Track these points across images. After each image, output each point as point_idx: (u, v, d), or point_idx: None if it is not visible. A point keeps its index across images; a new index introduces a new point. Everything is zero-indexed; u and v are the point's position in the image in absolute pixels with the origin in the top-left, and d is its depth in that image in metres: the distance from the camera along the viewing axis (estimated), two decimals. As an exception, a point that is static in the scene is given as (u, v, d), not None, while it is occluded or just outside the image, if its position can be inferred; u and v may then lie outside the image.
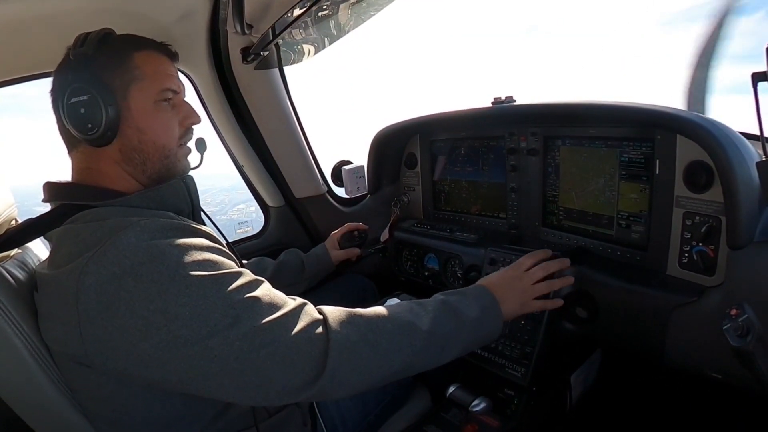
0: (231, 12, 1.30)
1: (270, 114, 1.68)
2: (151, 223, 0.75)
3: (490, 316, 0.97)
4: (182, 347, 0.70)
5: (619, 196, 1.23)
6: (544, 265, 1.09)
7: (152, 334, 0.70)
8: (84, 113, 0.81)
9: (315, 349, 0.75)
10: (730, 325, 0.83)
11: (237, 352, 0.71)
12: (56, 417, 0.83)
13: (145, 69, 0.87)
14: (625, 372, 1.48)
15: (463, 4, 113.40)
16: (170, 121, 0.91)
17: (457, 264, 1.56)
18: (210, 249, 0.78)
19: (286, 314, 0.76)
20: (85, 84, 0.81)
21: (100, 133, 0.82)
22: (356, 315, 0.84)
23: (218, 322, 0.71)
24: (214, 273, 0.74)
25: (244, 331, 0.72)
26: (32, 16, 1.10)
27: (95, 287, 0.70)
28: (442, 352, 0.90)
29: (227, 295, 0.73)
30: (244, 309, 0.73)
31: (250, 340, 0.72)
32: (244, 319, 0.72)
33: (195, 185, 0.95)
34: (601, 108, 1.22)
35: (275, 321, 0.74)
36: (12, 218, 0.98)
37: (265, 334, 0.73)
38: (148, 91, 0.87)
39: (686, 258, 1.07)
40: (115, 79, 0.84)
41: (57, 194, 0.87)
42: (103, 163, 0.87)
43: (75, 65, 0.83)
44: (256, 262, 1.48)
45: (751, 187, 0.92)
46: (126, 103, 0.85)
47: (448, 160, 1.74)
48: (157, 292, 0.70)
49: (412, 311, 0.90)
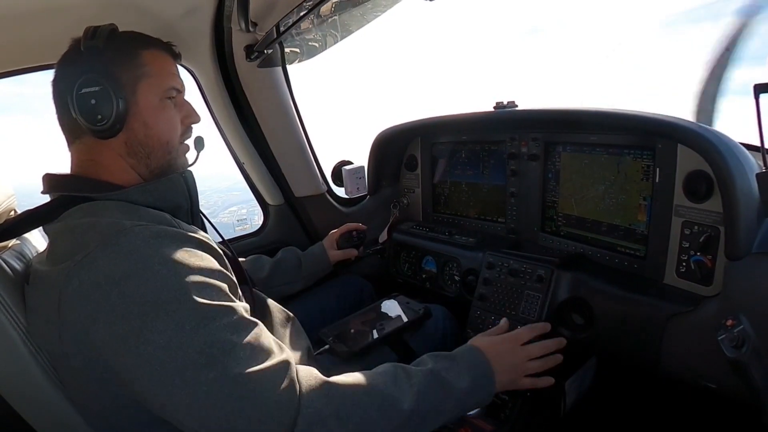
0: (236, 9, 1.30)
1: (272, 112, 1.68)
2: (145, 230, 0.74)
3: (481, 387, 0.92)
4: (152, 372, 0.68)
5: (618, 204, 1.23)
6: (542, 344, 1.06)
7: (124, 352, 0.69)
8: (94, 104, 0.81)
9: (284, 416, 0.71)
10: (726, 335, 0.83)
11: (205, 394, 0.68)
12: (50, 409, 0.83)
13: (152, 67, 0.89)
14: (620, 380, 1.48)
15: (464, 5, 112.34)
16: (174, 119, 0.93)
17: (455, 267, 1.56)
18: (202, 271, 0.75)
19: (263, 371, 0.71)
20: (97, 75, 0.82)
21: (109, 124, 0.83)
22: (333, 385, 0.78)
23: (192, 359, 0.68)
24: (201, 303, 0.71)
25: (215, 376, 0.68)
26: (38, 8, 1.10)
27: (78, 292, 0.70)
28: (421, 426, 0.84)
29: (208, 332, 0.70)
30: (221, 352, 0.69)
31: (220, 388, 0.68)
32: (219, 364, 0.69)
33: (194, 181, 0.96)
34: (603, 115, 1.22)
35: (250, 376, 0.70)
36: (11, 209, 0.98)
37: (235, 387, 0.69)
38: (155, 89, 0.89)
39: (684, 267, 1.07)
40: (123, 73, 0.85)
41: (56, 185, 0.87)
42: (106, 155, 0.87)
43: (86, 57, 0.84)
44: (253, 260, 1.48)
45: (750, 198, 0.92)
46: (134, 98, 0.86)
47: (448, 163, 1.74)
48: (137, 313, 0.68)
49: (396, 382, 0.83)
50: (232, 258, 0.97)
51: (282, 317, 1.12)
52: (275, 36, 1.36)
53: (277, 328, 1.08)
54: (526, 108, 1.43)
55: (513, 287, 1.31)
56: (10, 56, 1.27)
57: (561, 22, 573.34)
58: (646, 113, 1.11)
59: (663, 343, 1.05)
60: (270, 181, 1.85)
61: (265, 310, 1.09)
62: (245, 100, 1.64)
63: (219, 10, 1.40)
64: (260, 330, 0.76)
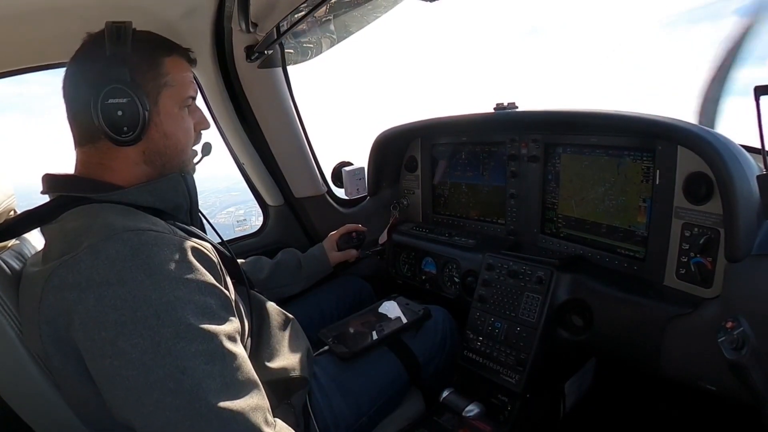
0: (236, 9, 1.30)
1: (272, 113, 1.68)
2: (135, 237, 0.72)
3: None
4: (120, 383, 0.67)
5: (618, 206, 1.23)
6: None
7: (96, 359, 0.68)
8: (121, 115, 0.80)
9: None
10: (726, 337, 0.83)
11: (168, 419, 0.65)
12: (48, 410, 0.82)
13: (174, 75, 0.88)
14: (620, 381, 1.48)
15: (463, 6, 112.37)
16: (190, 127, 0.93)
17: (455, 268, 1.56)
18: (189, 285, 0.72)
19: (231, 411, 0.67)
20: (125, 86, 0.80)
21: (134, 136, 0.82)
22: None
23: (159, 381, 0.65)
24: (182, 322, 0.68)
25: (180, 404, 0.65)
26: (39, 8, 1.10)
27: (57, 290, 0.70)
28: None
29: (182, 357, 0.66)
30: (191, 381, 0.66)
31: (184, 416, 0.65)
32: (185, 393, 0.65)
33: (194, 181, 0.95)
34: (603, 117, 1.22)
35: (220, 411, 0.66)
36: (11, 209, 0.98)
37: (199, 419, 0.65)
38: (176, 98, 0.88)
39: (684, 269, 1.07)
40: (149, 83, 0.85)
41: (55, 186, 0.87)
42: (119, 161, 0.86)
43: (113, 63, 0.81)
44: (253, 261, 1.47)
45: (750, 200, 0.92)
46: (156, 108, 0.86)
47: (448, 165, 1.75)
48: (113, 322, 0.67)
49: None
50: (230, 259, 0.97)
51: (281, 319, 1.12)
52: (275, 37, 1.36)
53: (275, 331, 1.07)
54: (526, 109, 1.43)
55: (513, 289, 1.31)
56: (10, 56, 1.27)
57: (561, 23, 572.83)
58: (646, 115, 1.11)
59: (663, 345, 1.05)
60: (270, 181, 1.85)
61: (263, 312, 1.08)
62: (245, 100, 1.64)
63: (219, 11, 1.39)
64: (240, 362, 0.72)
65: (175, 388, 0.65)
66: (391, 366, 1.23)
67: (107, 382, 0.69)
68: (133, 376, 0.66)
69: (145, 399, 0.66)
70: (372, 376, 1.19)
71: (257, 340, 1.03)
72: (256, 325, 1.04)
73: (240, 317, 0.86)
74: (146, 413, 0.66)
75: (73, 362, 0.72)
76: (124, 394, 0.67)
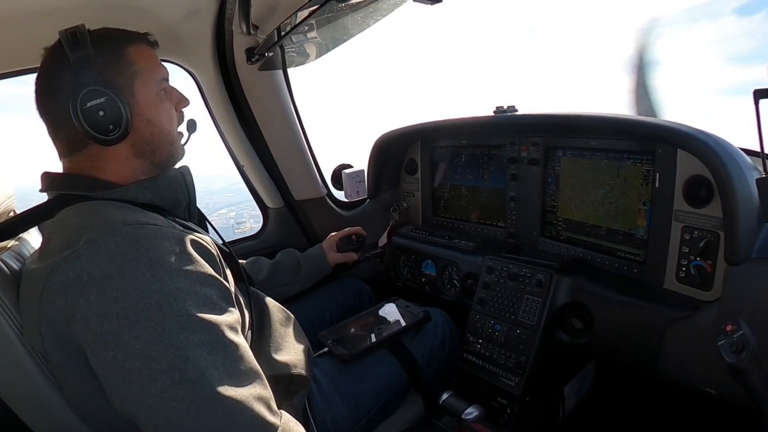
0: (237, 12, 1.30)
1: (272, 115, 1.68)
2: (135, 231, 0.72)
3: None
4: (124, 375, 0.67)
5: (618, 209, 1.23)
6: None
7: (99, 352, 0.68)
8: (103, 115, 0.80)
9: None
10: (726, 341, 0.83)
11: (172, 408, 0.65)
12: (47, 410, 0.82)
13: (141, 63, 0.88)
14: (619, 384, 1.48)
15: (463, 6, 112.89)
16: (170, 109, 0.93)
17: (455, 271, 1.56)
18: (190, 277, 0.72)
19: (235, 400, 0.67)
20: (98, 86, 0.80)
21: (120, 132, 0.82)
22: None
23: (163, 372, 0.65)
24: (184, 313, 0.68)
25: (184, 393, 0.65)
26: (39, 9, 1.10)
27: (58, 287, 0.70)
28: None
29: (185, 347, 0.67)
30: (195, 371, 0.66)
31: (187, 408, 0.65)
32: (189, 383, 0.66)
33: (191, 177, 0.96)
34: (603, 120, 1.23)
35: (220, 402, 0.66)
36: (10, 210, 0.98)
37: (203, 410, 0.66)
38: (149, 84, 0.88)
39: (683, 272, 1.07)
40: (118, 77, 0.85)
41: (54, 184, 0.87)
42: (111, 161, 0.87)
43: (79, 67, 0.81)
44: (252, 262, 1.47)
45: (750, 203, 0.92)
46: (134, 98, 0.86)
47: (448, 167, 1.75)
48: (115, 314, 0.67)
49: None
50: (230, 255, 0.96)
51: (282, 316, 1.12)
52: (276, 39, 1.36)
53: (276, 326, 1.07)
54: (526, 112, 1.43)
55: (512, 291, 1.31)
56: (10, 56, 1.27)
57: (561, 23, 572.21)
58: (646, 118, 1.12)
59: (662, 348, 1.05)
60: (270, 184, 1.85)
61: (264, 309, 1.08)
62: (246, 102, 1.64)
63: (220, 13, 1.40)
64: (242, 352, 0.73)
65: (179, 378, 0.66)
66: (391, 368, 1.23)
67: (110, 375, 0.69)
68: (136, 367, 0.66)
69: (149, 390, 0.66)
70: (371, 379, 1.19)
71: (259, 333, 1.03)
72: (256, 319, 1.03)
73: (240, 310, 0.86)
74: (150, 404, 0.66)
75: (74, 358, 0.72)
76: (127, 386, 0.67)
